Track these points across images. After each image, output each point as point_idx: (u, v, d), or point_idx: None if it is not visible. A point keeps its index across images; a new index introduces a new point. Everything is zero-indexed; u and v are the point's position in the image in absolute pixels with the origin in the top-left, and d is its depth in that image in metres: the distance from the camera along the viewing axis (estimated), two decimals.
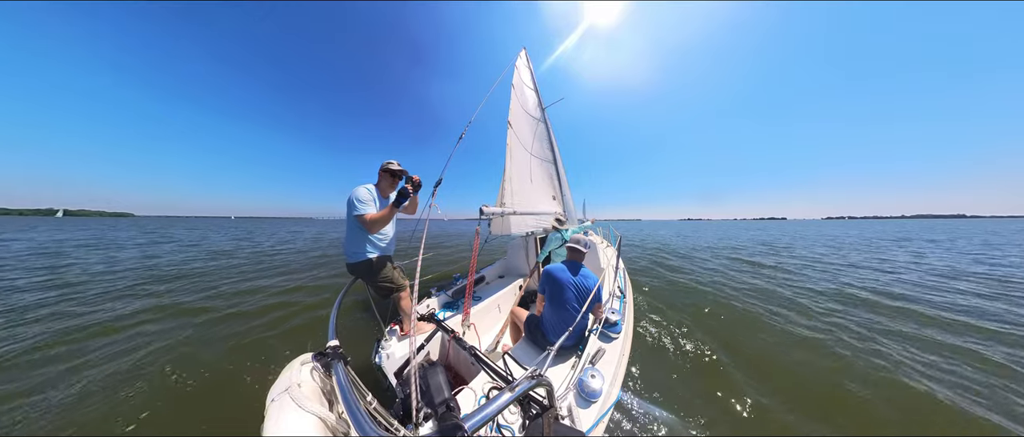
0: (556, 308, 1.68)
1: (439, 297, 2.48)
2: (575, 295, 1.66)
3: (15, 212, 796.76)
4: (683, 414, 1.87)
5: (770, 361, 2.50)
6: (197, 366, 2.37)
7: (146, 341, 2.81)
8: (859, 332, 3.04)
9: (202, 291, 4.57)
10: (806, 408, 1.95)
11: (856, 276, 5.81)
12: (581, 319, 1.53)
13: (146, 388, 2.10)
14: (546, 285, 1.73)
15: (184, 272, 5.99)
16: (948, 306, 3.91)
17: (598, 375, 1.25)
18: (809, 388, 2.15)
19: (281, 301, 4.10)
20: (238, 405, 1.95)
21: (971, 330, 3.16)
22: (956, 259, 8.18)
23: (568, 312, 1.63)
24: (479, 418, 0.61)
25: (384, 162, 1.85)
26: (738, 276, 5.73)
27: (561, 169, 4.31)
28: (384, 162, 1.85)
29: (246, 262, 7.40)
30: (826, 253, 9.44)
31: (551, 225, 3.22)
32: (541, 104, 4.36)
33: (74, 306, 3.82)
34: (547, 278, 1.73)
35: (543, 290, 1.75)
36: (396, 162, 1.88)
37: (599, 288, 1.69)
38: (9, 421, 1.84)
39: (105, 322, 3.24)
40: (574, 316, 1.58)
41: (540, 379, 0.78)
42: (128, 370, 2.32)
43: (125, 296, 4.27)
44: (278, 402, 0.72)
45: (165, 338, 2.87)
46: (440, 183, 1.77)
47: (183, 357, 2.52)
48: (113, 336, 2.92)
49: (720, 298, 4.18)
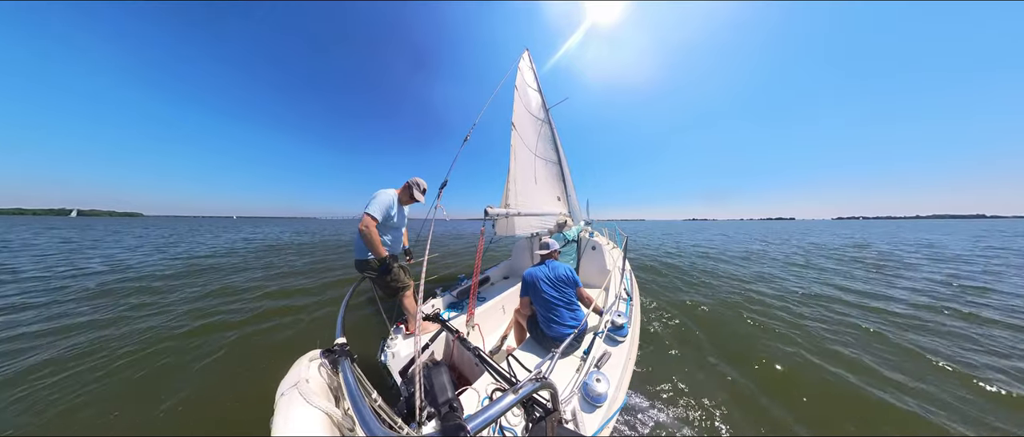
0: (539, 303, 1.76)
1: (444, 297, 2.50)
2: (549, 284, 1.76)
3: (29, 212, 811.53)
4: (691, 421, 1.82)
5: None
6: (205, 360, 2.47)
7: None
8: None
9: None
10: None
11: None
12: (568, 302, 1.72)
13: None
14: (527, 289, 1.83)
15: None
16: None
17: (603, 379, 1.23)
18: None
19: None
20: (248, 398, 2.01)
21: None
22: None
23: (550, 301, 1.72)
24: (482, 419, 0.61)
25: (415, 178, 2.00)
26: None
27: (566, 169, 4.28)
28: (415, 178, 2.00)
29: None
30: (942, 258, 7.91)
31: (555, 225, 3.20)
32: (545, 105, 4.35)
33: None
34: (524, 283, 1.85)
35: (525, 293, 1.84)
36: (424, 185, 2.05)
37: (571, 271, 1.84)
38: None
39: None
40: (557, 303, 1.70)
41: (544, 382, 0.77)
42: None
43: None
44: (287, 396, 0.74)
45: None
46: (445, 185, 1.79)
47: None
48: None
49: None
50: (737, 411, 1.91)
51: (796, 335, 2.98)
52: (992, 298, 4.34)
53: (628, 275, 2.79)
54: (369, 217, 1.73)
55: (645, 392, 2.04)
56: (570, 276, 1.82)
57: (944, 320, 3.43)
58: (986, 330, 3.16)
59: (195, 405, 1.97)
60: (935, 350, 2.70)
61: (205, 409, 1.95)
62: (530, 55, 4.18)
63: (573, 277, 1.83)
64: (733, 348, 2.76)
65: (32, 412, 1.91)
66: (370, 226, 1.72)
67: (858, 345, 2.79)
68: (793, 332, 3.05)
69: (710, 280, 5.42)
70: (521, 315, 1.91)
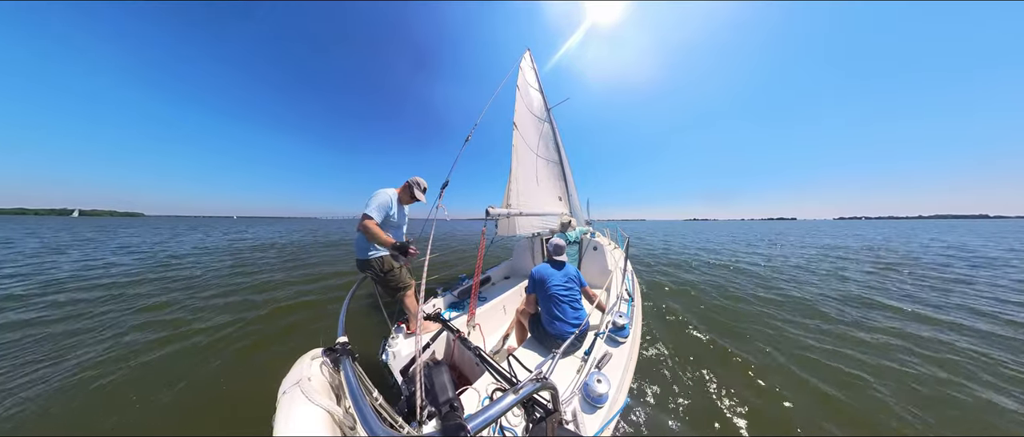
0: (545, 299, 1.76)
1: (445, 297, 2.50)
2: (558, 280, 1.77)
3: (31, 212, 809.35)
4: (694, 423, 1.81)
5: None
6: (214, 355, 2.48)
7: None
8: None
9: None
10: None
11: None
12: (572, 300, 1.72)
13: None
14: (534, 285, 1.83)
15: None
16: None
17: (604, 380, 1.23)
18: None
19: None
20: (251, 396, 2.02)
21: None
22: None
23: (556, 296, 1.72)
24: (482, 419, 0.61)
25: (416, 177, 1.99)
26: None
27: (567, 169, 4.28)
28: (416, 177, 1.99)
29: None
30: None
31: (559, 225, 3.19)
32: (546, 105, 4.35)
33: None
34: (532, 280, 1.84)
35: (532, 290, 1.84)
36: (425, 184, 2.04)
37: (577, 271, 1.88)
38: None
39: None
40: (563, 300, 1.71)
41: (545, 382, 0.77)
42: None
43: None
44: (289, 394, 0.74)
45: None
46: (446, 185, 1.79)
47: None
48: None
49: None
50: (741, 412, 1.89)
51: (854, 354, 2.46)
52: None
53: (630, 275, 2.79)
54: (367, 218, 1.74)
55: (646, 393, 2.03)
56: (577, 275, 1.87)
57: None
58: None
59: (197, 401, 1.99)
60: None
61: (208, 406, 1.96)
62: (531, 55, 4.18)
63: (580, 276, 1.88)
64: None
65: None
66: (366, 223, 1.73)
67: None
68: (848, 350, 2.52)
69: (733, 304, 3.97)
70: (524, 314, 1.92)
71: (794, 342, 2.85)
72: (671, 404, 1.95)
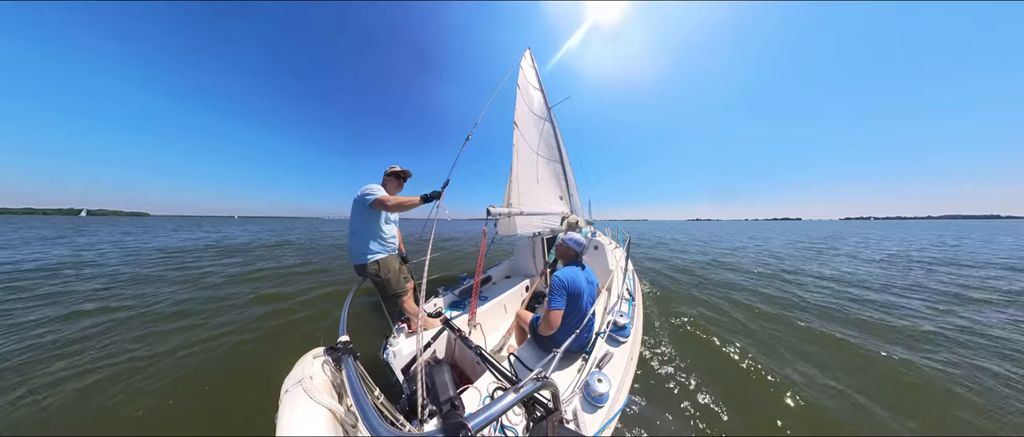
0: (575, 312, 1.55)
1: (446, 296, 2.51)
2: (589, 291, 1.64)
3: (39, 212, 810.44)
4: (695, 423, 1.81)
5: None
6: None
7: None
8: None
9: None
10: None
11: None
12: (590, 319, 1.60)
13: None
14: (564, 300, 1.51)
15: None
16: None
17: (605, 379, 1.23)
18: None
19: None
20: (254, 394, 2.04)
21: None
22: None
23: (586, 309, 1.60)
24: (483, 418, 0.61)
25: (390, 167, 1.95)
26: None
27: (568, 169, 4.27)
28: (390, 167, 1.95)
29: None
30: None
31: (565, 225, 3.18)
32: (547, 104, 4.34)
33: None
34: (562, 291, 1.51)
35: (560, 305, 1.50)
36: (406, 173, 2.00)
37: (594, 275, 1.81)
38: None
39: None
40: (589, 313, 1.61)
41: (545, 381, 0.77)
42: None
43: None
44: (292, 393, 0.75)
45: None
46: (447, 184, 1.79)
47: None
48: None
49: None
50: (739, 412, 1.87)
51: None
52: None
53: (631, 275, 2.78)
54: (382, 198, 1.73)
55: (647, 393, 2.03)
56: (597, 281, 1.74)
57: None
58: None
59: (197, 401, 2.01)
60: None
61: (208, 405, 1.98)
62: (532, 54, 4.17)
63: (595, 278, 1.77)
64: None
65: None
66: (388, 200, 1.72)
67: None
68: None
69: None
70: (523, 321, 1.88)
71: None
72: (671, 404, 1.95)
